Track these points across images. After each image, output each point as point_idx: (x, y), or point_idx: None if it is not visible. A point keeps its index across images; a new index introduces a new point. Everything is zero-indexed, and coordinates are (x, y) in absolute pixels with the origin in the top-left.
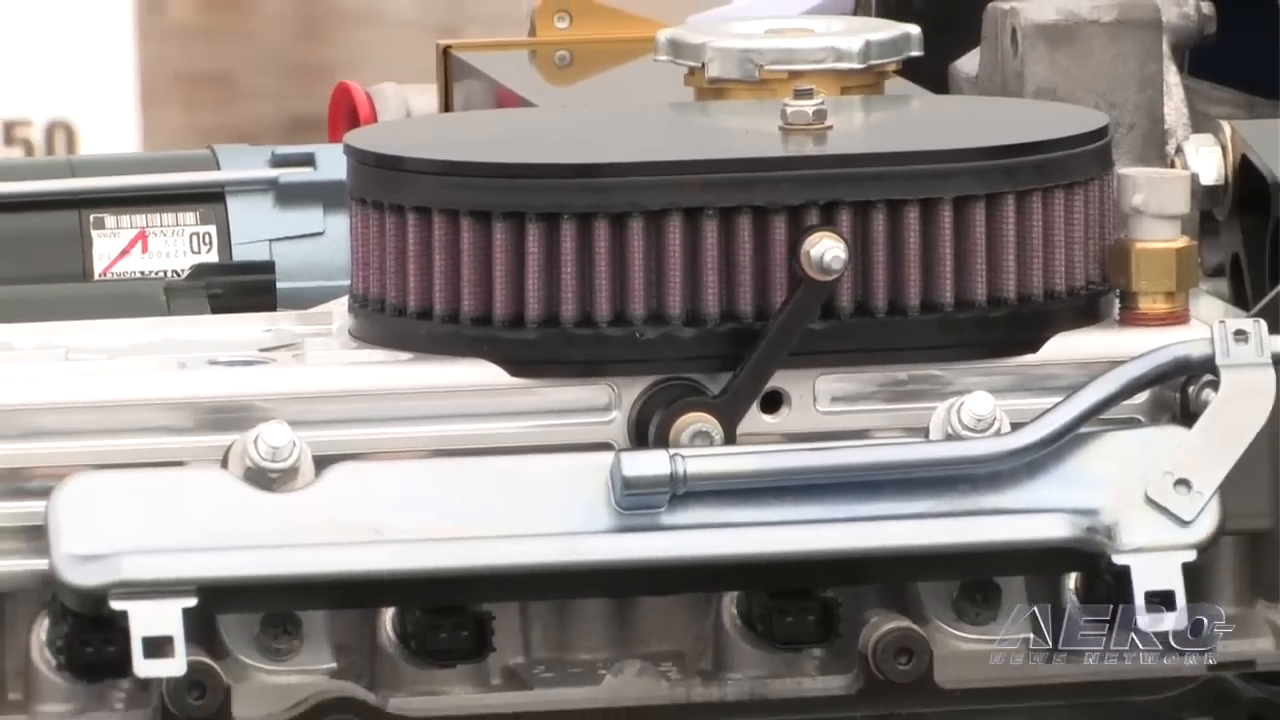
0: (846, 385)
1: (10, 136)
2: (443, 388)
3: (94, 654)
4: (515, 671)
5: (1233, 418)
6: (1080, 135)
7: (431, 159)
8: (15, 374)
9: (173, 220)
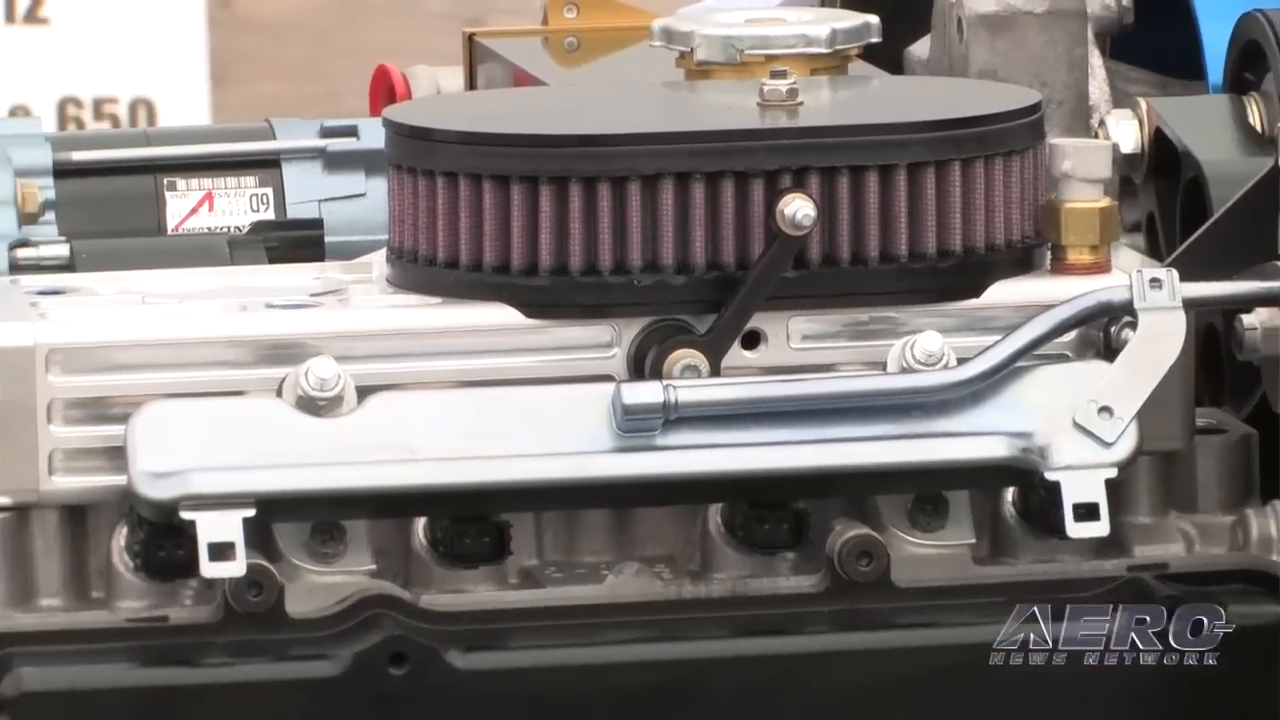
0: (815, 325)
1: (99, 112)
2: (467, 327)
3: (166, 558)
4: (530, 572)
5: (1149, 354)
6: (1016, 110)
7: (458, 130)
8: (99, 316)
9: (235, 183)
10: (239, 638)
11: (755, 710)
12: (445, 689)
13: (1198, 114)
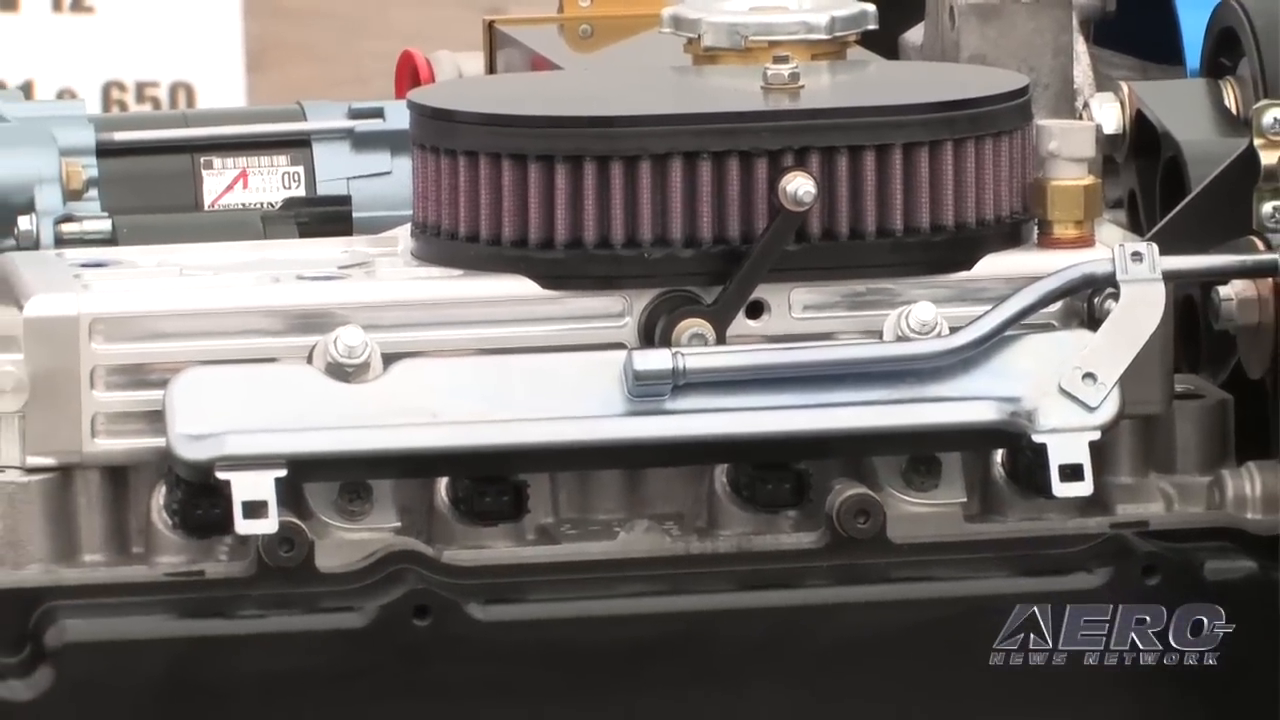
0: (816, 296)
1: (141, 95)
2: (487, 298)
3: (202, 515)
4: (546, 529)
5: (1130, 323)
6: (1005, 93)
7: (478, 112)
8: (139, 287)
9: (268, 162)
10: (271, 591)
11: (758, 659)
12: (466, 640)
13: (1176, 97)
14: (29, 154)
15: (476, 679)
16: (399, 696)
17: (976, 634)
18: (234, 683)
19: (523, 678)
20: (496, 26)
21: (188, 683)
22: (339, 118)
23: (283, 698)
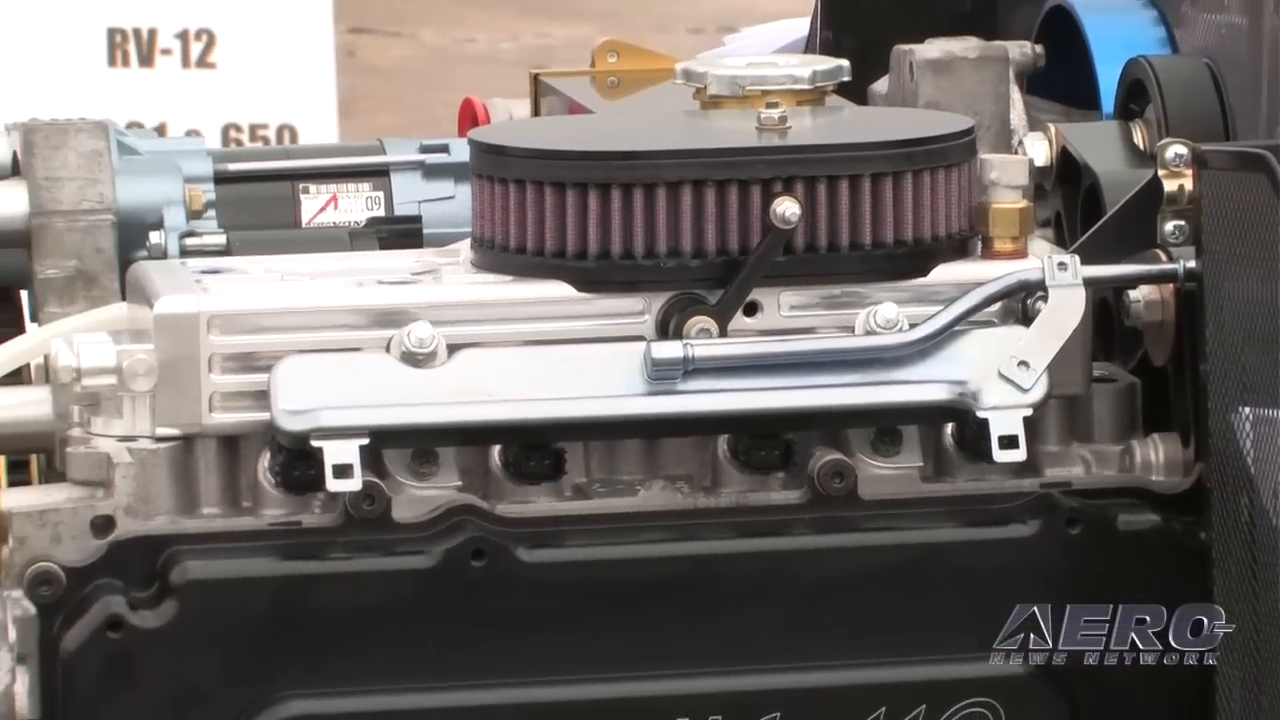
0: (800, 298)
1: (253, 134)
2: (532, 299)
3: (300, 476)
4: (580, 487)
5: (1056, 321)
6: (954, 133)
7: (526, 148)
8: (248, 289)
9: (354, 189)
10: (355, 538)
11: (753, 595)
12: (515, 578)
13: (1095, 136)
14: (159, 181)
15: (523, 610)
16: (459, 624)
17: (930, 574)
18: (324, 613)
19: (560, 609)
20: (540, 78)
21: (286, 613)
22: (412, 152)
23: (364, 625)
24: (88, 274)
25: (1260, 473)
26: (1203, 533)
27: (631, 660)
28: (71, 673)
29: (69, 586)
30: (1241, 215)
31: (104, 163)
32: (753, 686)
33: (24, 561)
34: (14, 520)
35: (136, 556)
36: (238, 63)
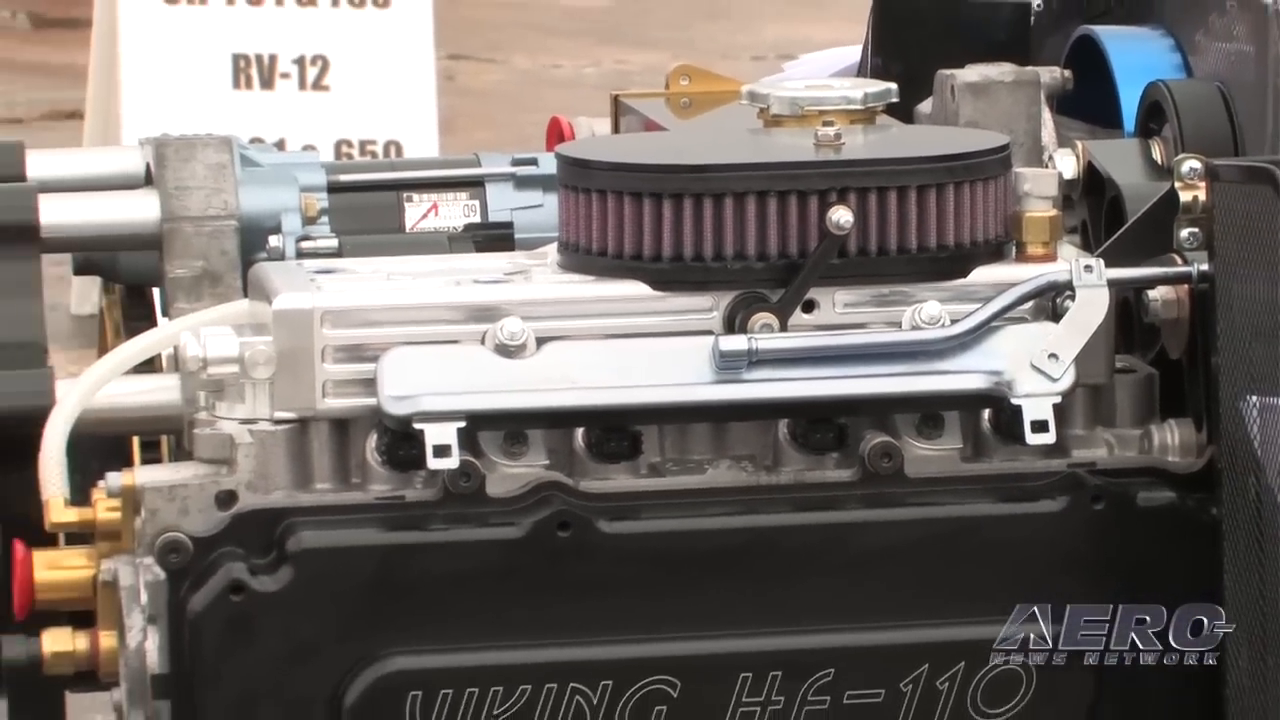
0: (852, 296)
1: (363, 149)
2: (612, 297)
3: (403, 455)
4: (655, 466)
5: (1082, 318)
6: (992, 149)
7: (607, 161)
8: (358, 288)
9: (453, 197)
10: (453, 511)
11: (809, 563)
12: (596, 547)
13: (1117, 152)
14: (277, 190)
15: (603, 576)
16: (545, 589)
17: (968, 544)
18: (424, 579)
19: (636, 575)
20: (620, 99)
21: (390, 579)
22: (505, 165)
23: (459, 590)
24: (213, 274)
25: (1266, 455)
26: (1214, 509)
27: (699, 621)
28: (197, 632)
29: (195, 554)
30: (1250, 223)
31: (228, 174)
32: (808, 646)
33: (155, 532)
34: (146, 494)
35: (256, 527)
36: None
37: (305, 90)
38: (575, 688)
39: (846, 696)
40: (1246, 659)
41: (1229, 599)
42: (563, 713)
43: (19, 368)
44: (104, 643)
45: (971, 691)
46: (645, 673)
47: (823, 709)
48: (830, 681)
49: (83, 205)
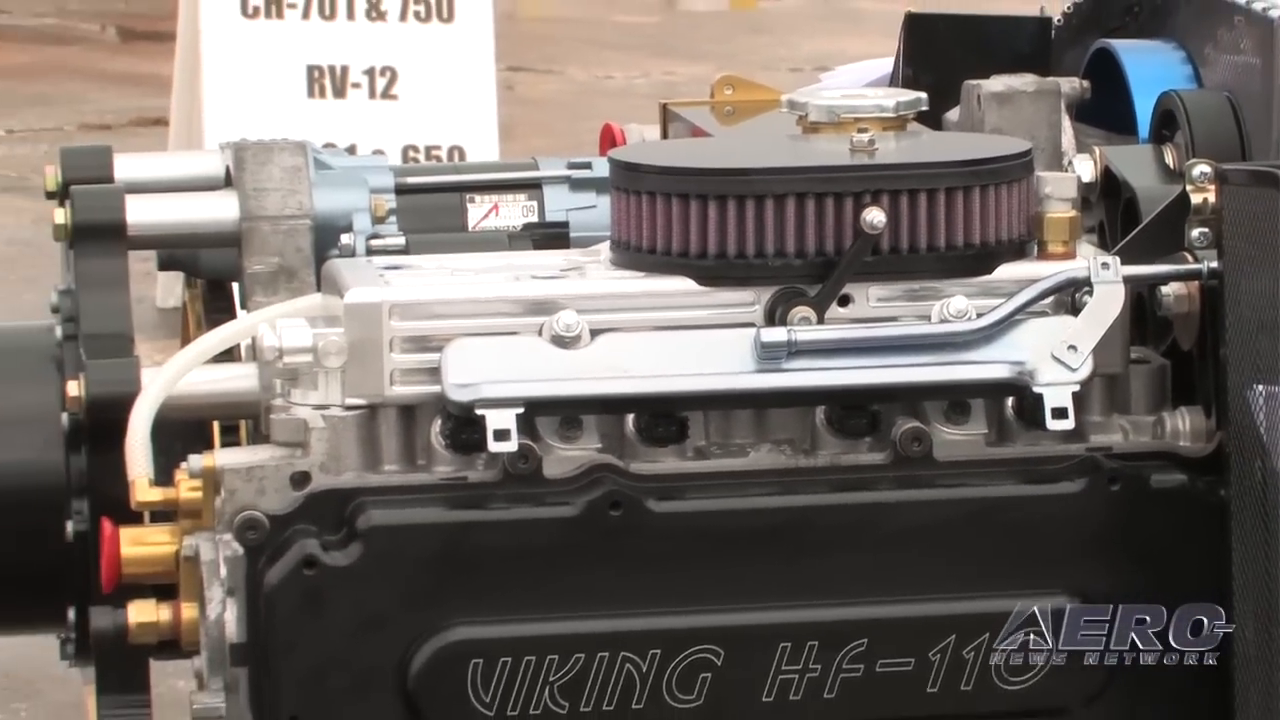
0: (885, 291)
1: (428, 154)
2: (661, 292)
3: (466, 439)
4: (700, 449)
5: (1100, 312)
6: (1015, 154)
7: (657, 165)
8: (424, 283)
9: (512, 199)
10: (512, 491)
11: (844, 540)
12: (646, 525)
13: (1132, 157)
14: (349, 192)
15: (652, 552)
16: (598, 564)
17: (992, 523)
18: (485, 554)
19: (683, 551)
20: (668, 108)
21: (453, 554)
22: (561, 169)
23: (518, 564)
24: (288, 269)
25: (1271, 440)
26: (1222, 491)
27: (741, 595)
28: (272, 604)
29: (271, 531)
30: (1256, 224)
31: (302, 176)
32: (843, 617)
33: (234, 510)
34: (225, 475)
35: (328, 506)
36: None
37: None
38: (626, 656)
39: (879, 665)
40: (1253, 631)
41: (1236, 576)
42: (614, 680)
43: (108, 357)
44: (185, 614)
45: (996, 660)
46: (691, 643)
47: (857, 677)
48: (864, 651)
49: (167, 205)
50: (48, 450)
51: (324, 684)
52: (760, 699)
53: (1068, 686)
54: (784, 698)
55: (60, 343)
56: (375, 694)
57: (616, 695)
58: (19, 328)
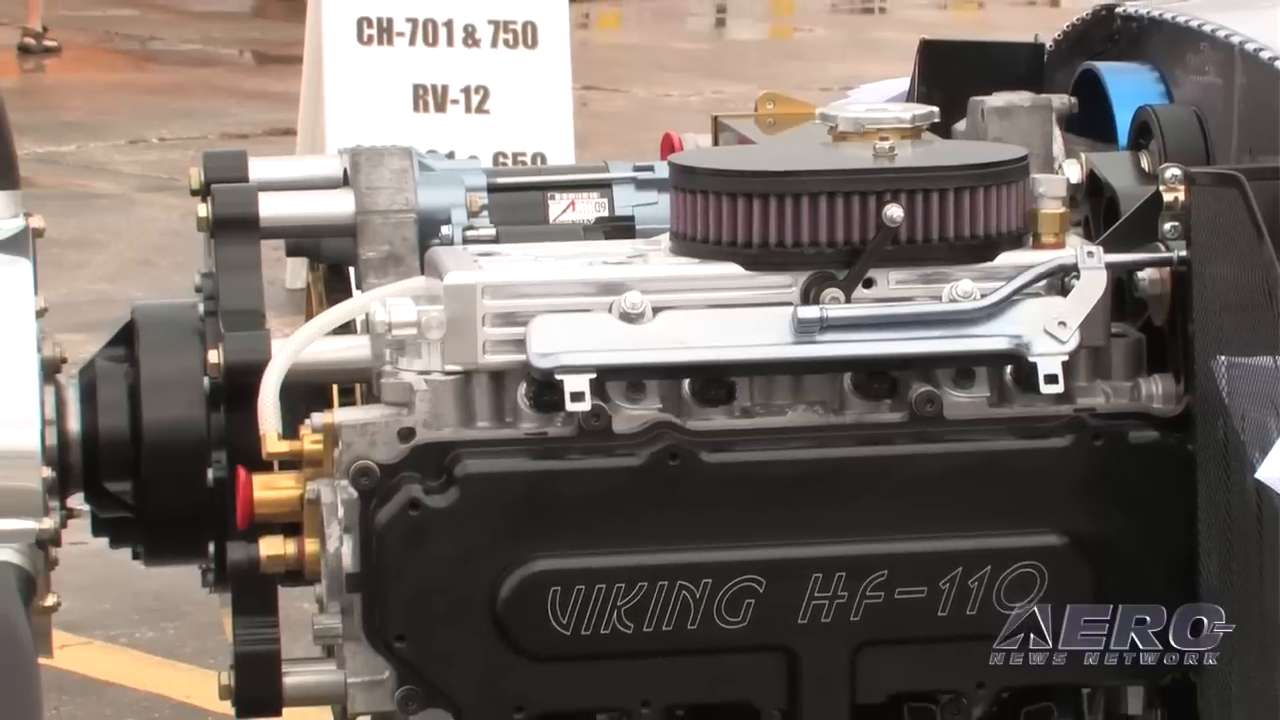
0: (903, 275)
1: (514, 159)
2: (713, 275)
3: (546, 400)
4: (746, 409)
5: (1085, 293)
6: (1013, 159)
7: (710, 168)
8: (511, 267)
9: (587, 196)
10: (586, 444)
11: (869, 484)
12: (699, 473)
13: (1113, 162)
14: (448, 190)
15: (705, 496)
16: (659, 507)
17: (994, 472)
18: (562, 497)
19: (731, 495)
20: (719, 120)
21: (535, 497)
22: (627, 171)
23: (591, 507)
24: (397, 256)
25: (1232, 403)
26: (1190, 445)
27: (780, 532)
28: (381, 540)
29: (381, 478)
30: (1220, 218)
31: (408, 177)
32: (866, 552)
33: (349, 460)
34: (343, 430)
35: (430, 457)
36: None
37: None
38: (682, 584)
39: (897, 593)
40: (1216, 564)
41: (1201, 517)
42: (671, 605)
43: (242, 330)
44: (308, 548)
45: (997, 589)
46: (737, 572)
47: (878, 603)
48: (884, 581)
49: (293, 201)
50: (192, 409)
51: (425, 608)
52: (796, 621)
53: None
54: (816, 620)
55: (203, 318)
56: (469, 617)
57: (674, 618)
58: (169, 305)
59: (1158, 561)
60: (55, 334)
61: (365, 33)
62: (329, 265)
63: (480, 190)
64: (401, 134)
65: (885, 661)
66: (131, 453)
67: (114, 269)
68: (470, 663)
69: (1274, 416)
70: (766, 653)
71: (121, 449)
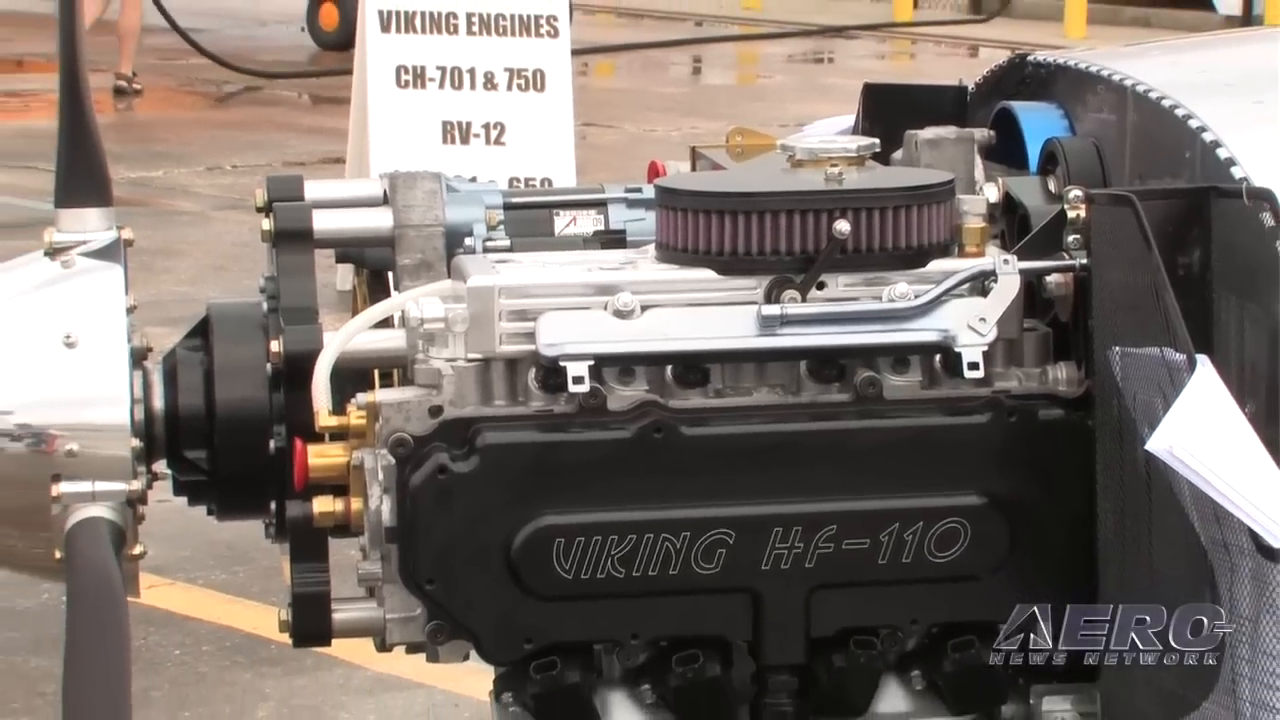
0: (850, 280)
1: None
2: (690, 279)
3: (553, 383)
4: (719, 390)
5: (1002, 294)
6: (942, 183)
7: (688, 190)
8: (523, 272)
9: (585, 213)
10: (585, 420)
11: (820, 455)
12: (680, 445)
13: (1025, 185)
14: (470, 208)
15: (684, 463)
16: (646, 472)
17: (926, 443)
18: (566, 464)
19: (706, 462)
20: (696, 150)
21: (543, 464)
22: (620, 192)
23: (589, 472)
24: (428, 263)
25: (1125, 386)
26: (1090, 421)
27: (747, 493)
28: (415, 500)
29: (415, 448)
30: (1115, 232)
31: (438, 197)
32: (819, 510)
33: (388, 432)
34: (383, 408)
35: (455, 430)
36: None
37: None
38: (665, 537)
39: (844, 544)
40: (1112, 522)
41: (1099, 481)
42: (656, 553)
43: (299, 324)
44: (354, 506)
45: (927, 541)
46: (711, 527)
47: (829, 552)
48: (833, 534)
49: (342, 217)
50: (257, 390)
51: (451, 556)
52: (760, 568)
53: (978, 560)
54: (776, 567)
55: (266, 314)
56: (487, 563)
57: (658, 564)
58: (239, 304)
59: (1062, 519)
60: (144, 327)
61: (403, 78)
62: (371, 270)
63: (497, 208)
64: (432, 162)
65: (835, 601)
66: (206, 426)
67: (193, 274)
68: (488, 602)
69: (1160, 398)
70: (735, 594)
71: (198, 423)
